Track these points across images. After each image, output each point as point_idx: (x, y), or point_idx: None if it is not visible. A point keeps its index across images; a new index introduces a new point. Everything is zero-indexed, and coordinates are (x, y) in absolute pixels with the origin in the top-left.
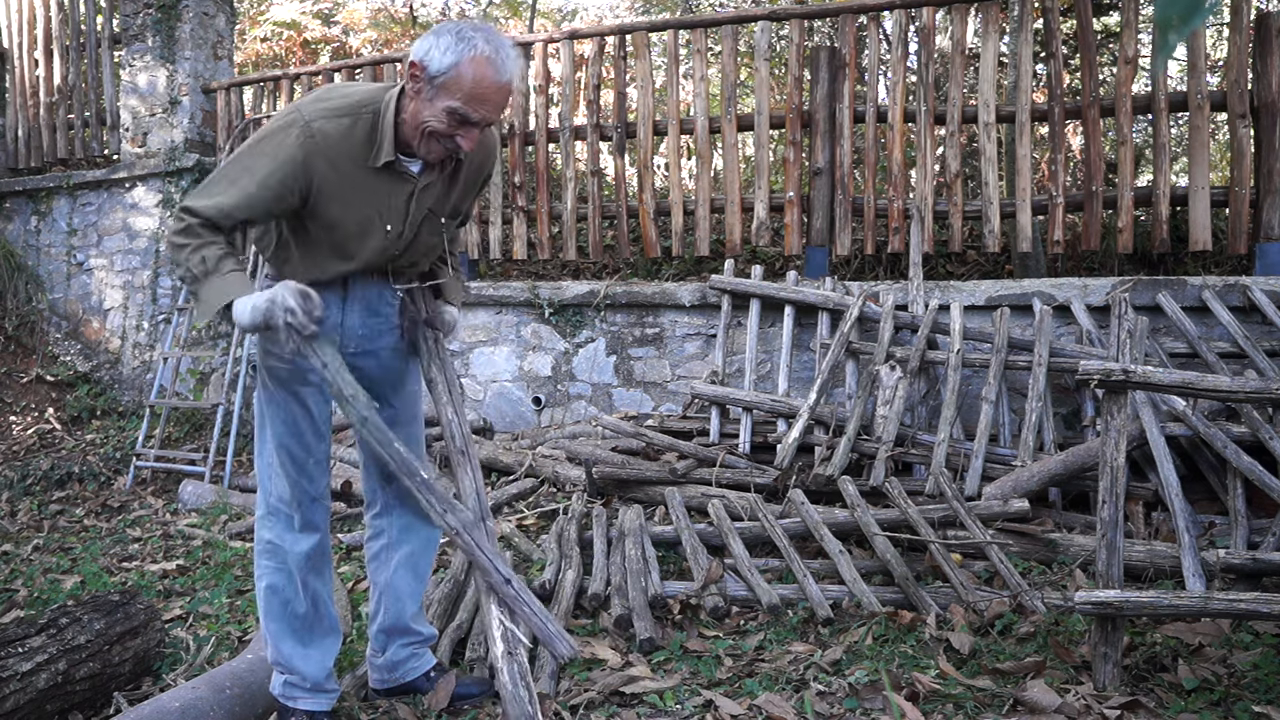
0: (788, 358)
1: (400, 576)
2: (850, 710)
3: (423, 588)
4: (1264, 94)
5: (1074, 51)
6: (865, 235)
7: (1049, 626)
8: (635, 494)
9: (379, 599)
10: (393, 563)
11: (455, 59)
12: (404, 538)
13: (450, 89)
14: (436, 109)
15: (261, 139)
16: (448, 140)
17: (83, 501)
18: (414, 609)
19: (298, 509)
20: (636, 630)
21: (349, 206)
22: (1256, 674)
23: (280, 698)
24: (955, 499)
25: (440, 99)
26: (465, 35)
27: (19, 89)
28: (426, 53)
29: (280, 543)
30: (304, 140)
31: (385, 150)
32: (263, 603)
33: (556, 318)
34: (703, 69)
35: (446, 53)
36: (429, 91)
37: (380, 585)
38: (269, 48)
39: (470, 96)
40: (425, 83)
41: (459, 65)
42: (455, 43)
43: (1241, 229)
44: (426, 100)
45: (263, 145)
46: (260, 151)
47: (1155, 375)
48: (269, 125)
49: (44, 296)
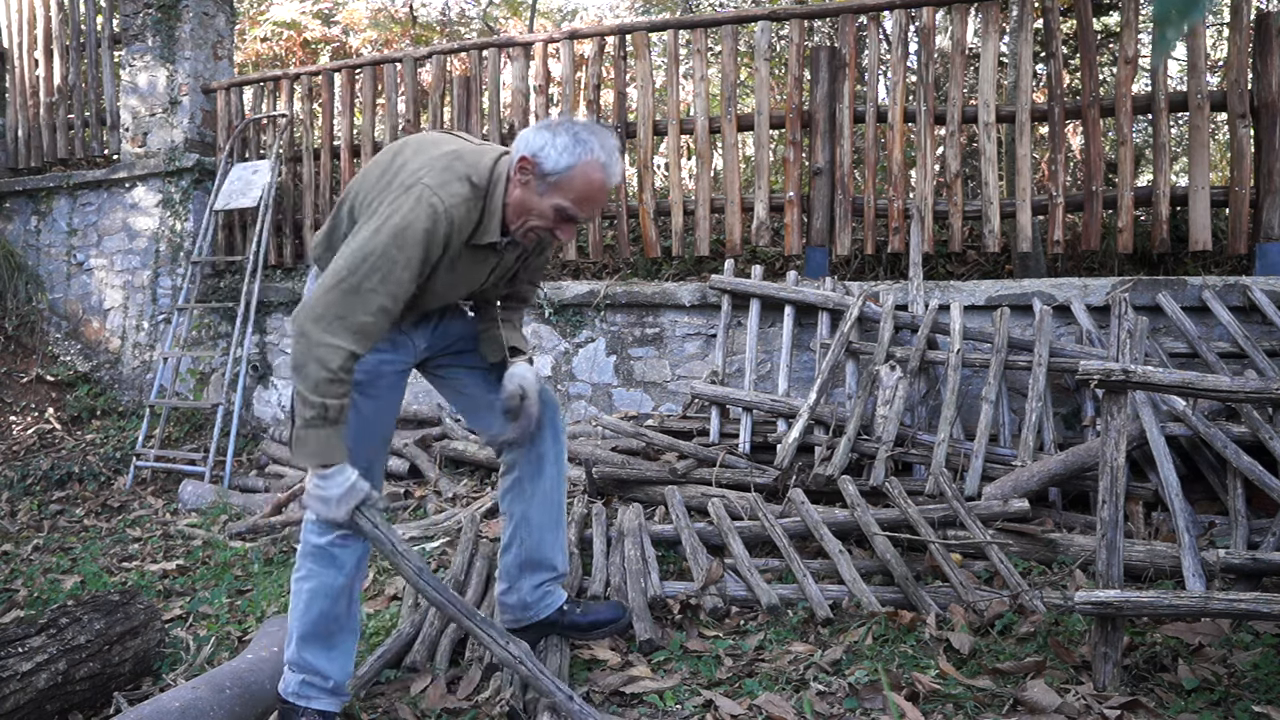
0: (788, 358)
1: (538, 507)
2: (850, 710)
3: (562, 519)
4: (1264, 94)
5: (1074, 51)
6: (865, 235)
7: (1049, 626)
8: (635, 494)
9: (514, 531)
10: (528, 494)
11: (572, 161)
12: (538, 468)
13: (563, 189)
14: (544, 205)
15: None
16: (546, 233)
17: (83, 501)
18: (552, 539)
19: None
20: (636, 631)
21: (443, 275)
22: (1256, 674)
23: (293, 697)
24: (955, 499)
25: (550, 196)
26: (582, 138)
27: (19, 89)
28: (541, 149)
29: (332, 549)
30: (442, 226)
31: (492, 232)
32: (301, 604)
33: (556, 318)
34: (703, 69)
35: (564, 154)
36: (539, 186)
37: (516, 517)
38: (269, 48)
39: (581, 198)
40: (536, 178)
41: (574, 168)
42: (573, 144)
43: (1241, 229)
44: (536, 194)
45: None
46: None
47: (1155, 375)
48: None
49: (44, 296)
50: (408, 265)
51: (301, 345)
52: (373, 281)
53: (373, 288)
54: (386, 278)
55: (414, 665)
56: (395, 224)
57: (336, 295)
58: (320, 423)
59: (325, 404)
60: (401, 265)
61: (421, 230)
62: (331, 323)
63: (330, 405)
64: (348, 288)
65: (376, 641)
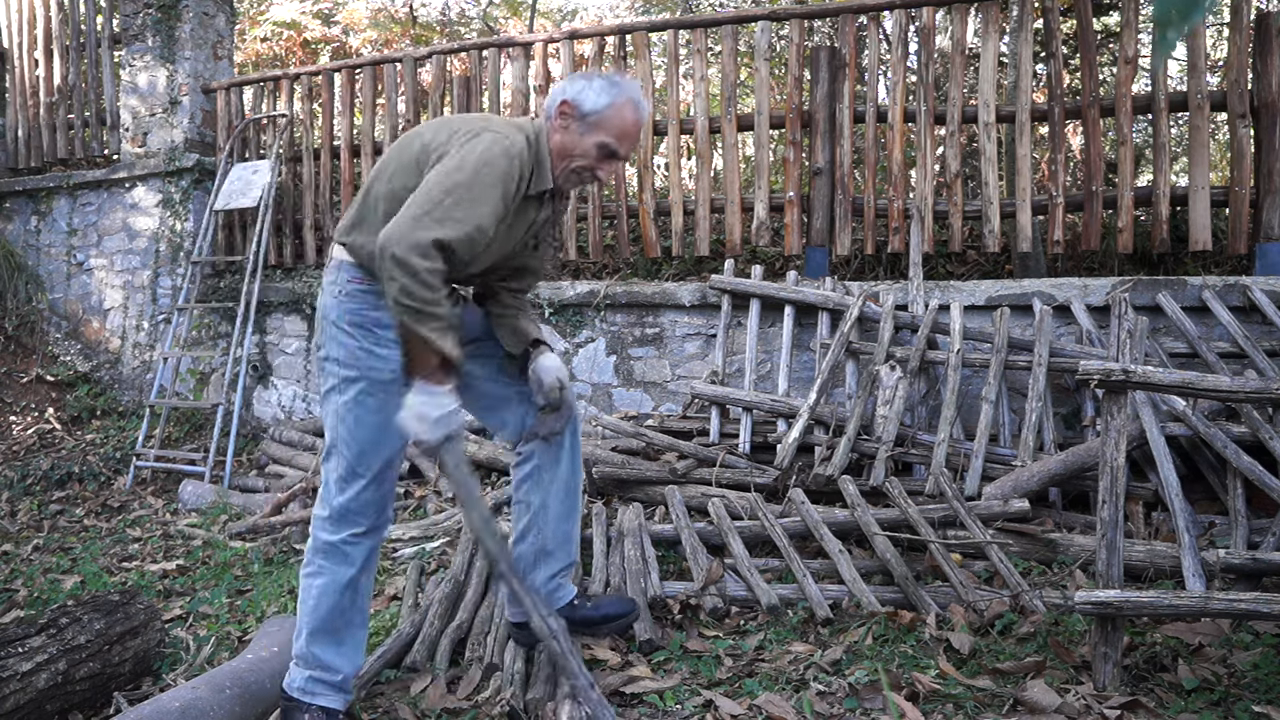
0: (788, 358)
1: (555, 497)
2: (850, 710)
3: (578, 509)
4: (1264, 94)
5: (1074, 51)
6: (865, 235)
7: (1049, 626)
8: (635, 494)
9: (530, 520)
10: (546, 482)
11: (610, 100)
12: (554, 456)
13: (603, 126)
14: (587, 144)
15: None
16: (588, 173)
17: (83, 501)
18: (568, 528)
19: (376, 513)
20: (636, 630)
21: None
22: (1256, 674)
23: (298, 693)
24: (955, 499)
25: (591, 135)
26: (615, 81)
27: (19, 89)
28: (580, 93)
29: (342, 545)
30: (517, 167)
31: (546, 178)
32: (311, 599)
33: (556, 318)
34: (703, 69)
35: (601, 94)
36: (579, 128)
37: (535, 505)
38: (269, 48)
39: (620, 133)
40: (576, 119)
41: (612, 105)
42: (608, 86)
43: (1241, 229)
44: (577, 135)
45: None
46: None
47: (1155, 375)
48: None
49: (44, 296)
50: (490, 200)
51: (399, 269)
52: (461, 209)
53: (460, 216)
54: (474, 207)
55: (414, 665)
56: (477, 160)
57: (422, 218)
58: (446, 329)
59: (447, 314)
60: (485, 199)
61: (501, 169)
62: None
63: (452, 313)
64: (437, 212)
65: (376, 641)
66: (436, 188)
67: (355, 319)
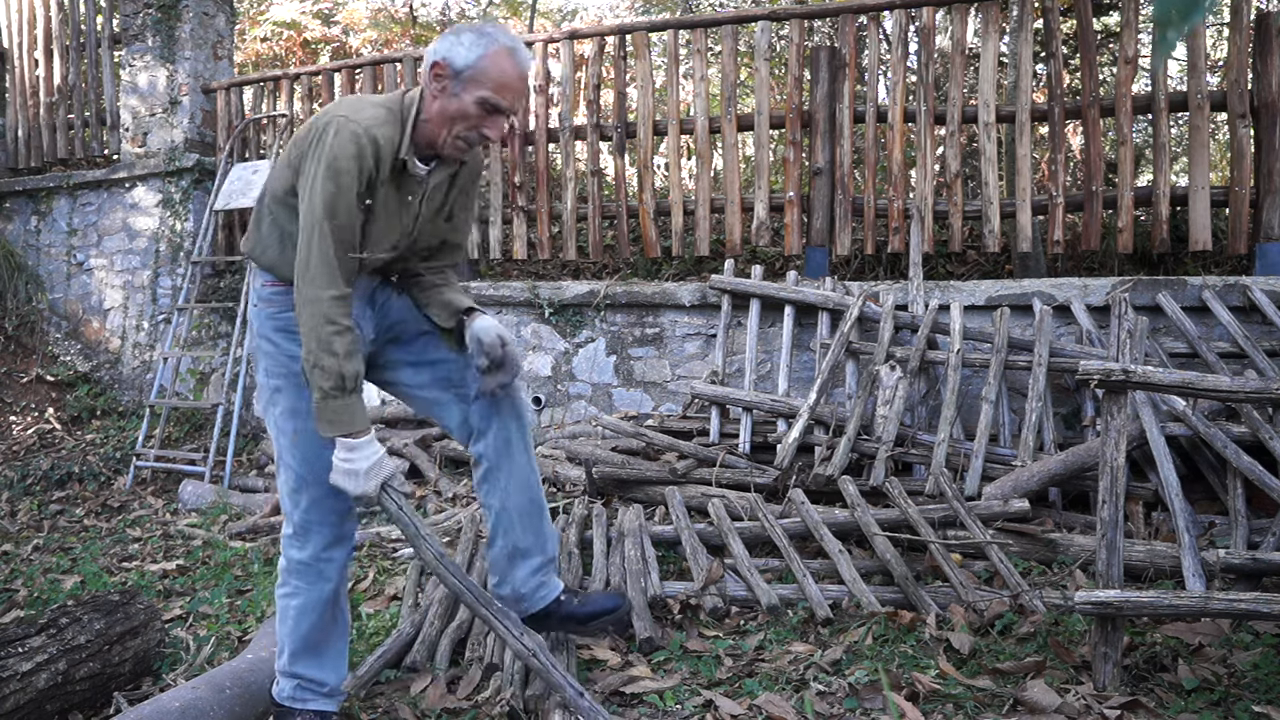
0: (788, 358)
1: (514, 496)
2: (850, 710)
3: (540, 501)
4: (1264, 94)
5: (1074, 51)
6: (865, 235)
7: (1049, 626)
8: (635, 494)
9: (495, 522)
10: (501, 482)
11: (482, 51)
12: (505, 453)
13: (479, 80)
14: (466, 102)
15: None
16: (473, 133)
17: (83, 501)
18: (535, 523)
19: (337, 524)
20: (636, 630)
21: (379, 210)
22: (1256, 674)
23: (288, 701)
24: (955, 499)
25: (469, 91)
26: (485, 31)
27: (19, 89)
28: (449, 50)
29: (314, 562)
30: (368, 147)
31: (403, 148)
32: (290, 620)
33: (556, 318)
34: (703, 69)
35: (472, 48)
36: (455, 86)
37: (495, 508)
38: (269, 48)
39: (499, 85)
40: (450, 79)
41: (485, 57)
42: (478, 38)
43: (1241, 229)
44: (453, 95)
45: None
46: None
47: (1155, 375)
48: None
49: (44, 296)
50: (347, 193)
51: (307, 310)
52: (330, 224)
53: (330, 229)
54: (335, 212)
55: (414, 665)
56: (326, 160)
57: (310, 250)
58: (339, 393)
59: (342, 369)
60: (342, 195)
61: (350, 156)
62: (316, 276)
63: (347, 371)
64: (316, 239)
65: (376, 641)
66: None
67: (276, 323)
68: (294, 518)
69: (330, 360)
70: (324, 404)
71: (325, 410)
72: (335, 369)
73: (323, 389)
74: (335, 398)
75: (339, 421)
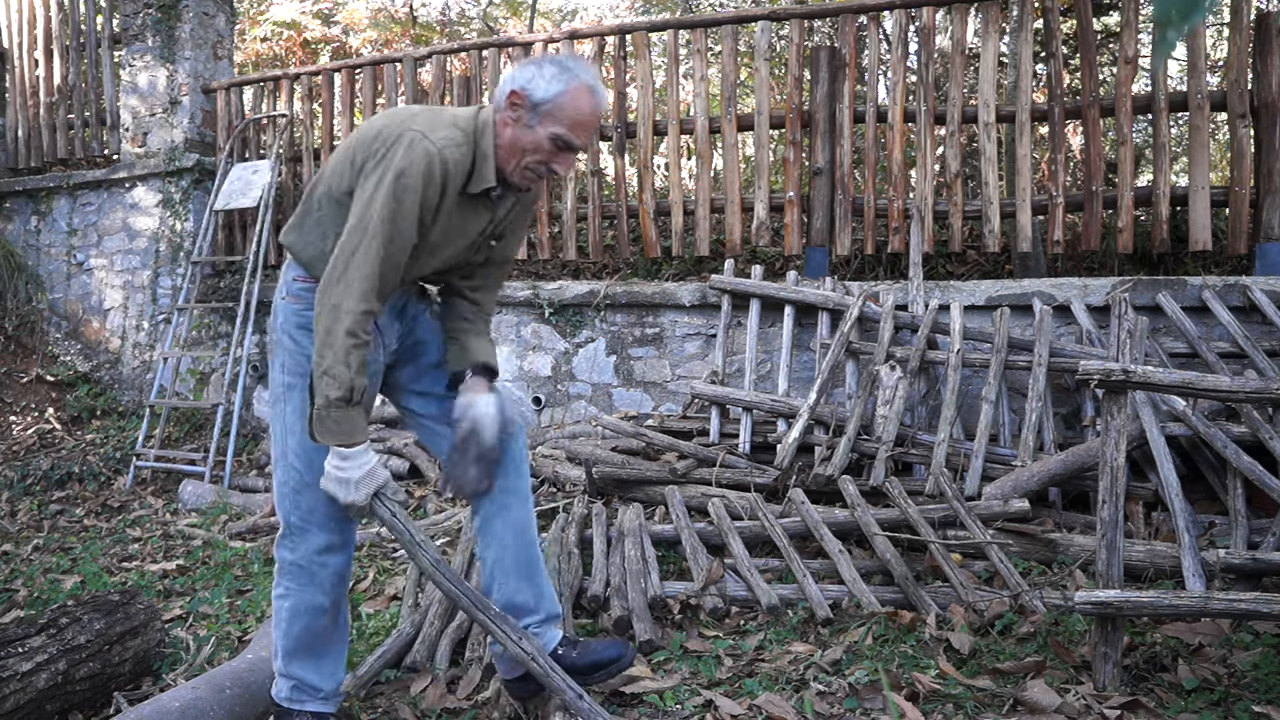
0: (788, 358)
1: (510, 546)
2: (850, 710)
3: (537, 558)
4: (1264, 94)
5: (1074, 51)
6: (865, 235)
7: (1049, 626)
8: (635, 494)
9: (489, 576)
10: (497, 535)
11: (562, 86)
12: (502, 502)
13: (556, 116)
14: (539, 136)
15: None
16: (543, 167)
17: (83, 501)
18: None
19: (335, 528)
20: (636, 631)
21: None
22: (1256, 674)
23: (286, 702)
24: (955, 499)
25: (544, 126)
26: (567, 66)
27: (19, 89)
28: (529, 81)
29: (309, 565)
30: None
31: (486, 178)
32: (283, 622)
33: (556, 318)
34: (703, 69)
35: (553, 82)
36: (531, 118)
37: (490, 561)
38: (269, 48)
39: (574, 123)
40: (527, 110)
41: (565, 93)
42: (560, 72)
43: (1241, 229)
44: (528, 127)
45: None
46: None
47: (1155, 375)
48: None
49: (44, 296)
50: (409, 214)
51: (329, 316)
52: (381, 238)
53: (380, 244)
54: (393, 231)
55: (414, 665)
56: (393, 174)
57: (349, 259)
58: (344, 404)
59: (353, 382)
60: (404, 215)
61: (419, 175)
62: (351, 286)
63: (356, 384)
64: (359, 250)
65: (376, 642)
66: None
67: (301, 320)
68: (290, 519)
69: (343, 371)
70: (326, 412)
71: (327, 418)
72: (347, 380)
73: (329, 397)
74: (339, 408)
75: (339, 431)
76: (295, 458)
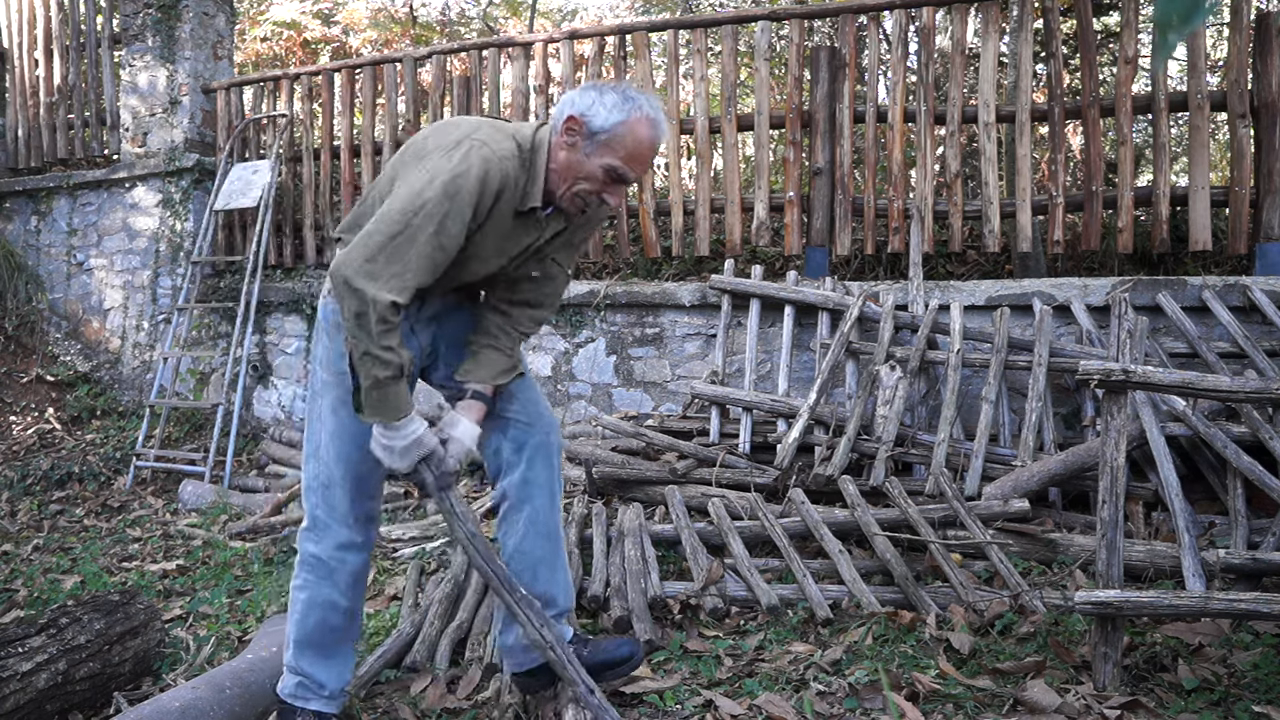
0: (788, 358)
1: (530, 540)
2: (850, 710)
3: (559, 551)
4: (1264, 94)
5: (1074, 51)
6: (865, 235)
7: (1049, 626)
8: (635, 494)
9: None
10: (519, 524)
11: (623, 117)
12: (525, 494)
13: (613, 147)
14: (593, 165)
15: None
16: (594, 197)
17: (83, 501)
18: (548, 573)
19: (357, 527)
20: (636, 632)
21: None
22: (1256, 674)
23: (289, 698)
24: (955, 499)
25: (600, 156)
26: (630, 95)
27: (19, 89)
28: (589, 108)
29: (329, 560)
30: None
31: (534, 196)
32: (297, 614)
33: (556, 317)
34: (703, 69)
35: (613, 110)
36: (587, 146)
37: (508, 550)
38: (269, 48)
39: (631, 156)
40: (584, 138)
41: (624, 124)
42: (621, 101)
43: (1241, 229)
44: (583, 155)
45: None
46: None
47: (1155, 375)
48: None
49: (44, 296)
50: (459, 216)
51: (355, 300)
52: (425, 232)
53: (425, 239)
54: (439, 229)
55: (414, 665)
56: (449, 174)
57: (386, 244)
58: (394, 381)
59: (400, 360)
60: (453, 216)
61: (475, 180)
62: (380, 273)
63: (404, 359)
64: (400, 237)
65: (376, 642)
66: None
67: (338, 319)
68: (316, 512)
69: (384, 352)
70: (373, 391)
71: (371, 397)
72: (393, 359)
73: (376, 377)
74: (388, 385)
75: (391, 407)
76: (326, 452)
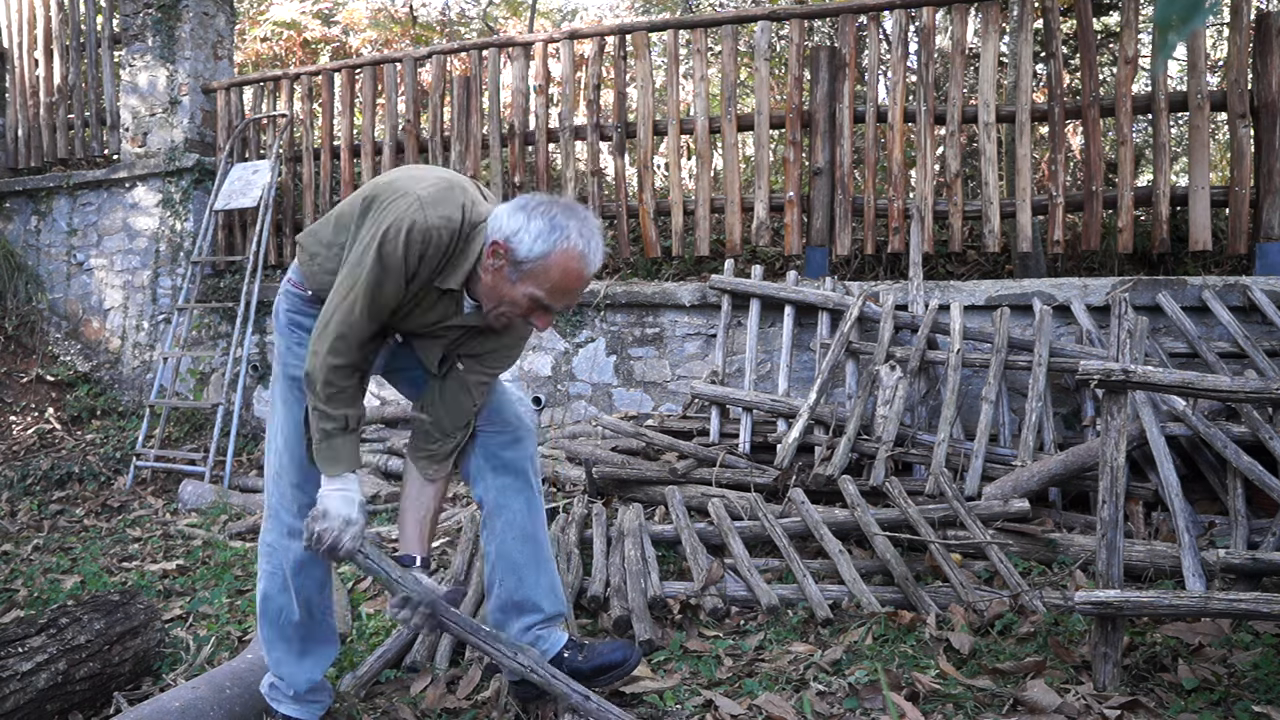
0: (788, 358)
1: (509, 544)
2: (850, 710)
3: (543, 554)
4: (1264, 94)
5: (1074, 51)
6: (865, 235)
7: (1049, 626)
8: (635, 494)
9: (491, 571)
10: (497, 530)
11: (546, 249)
12: (503, 500)
13: (536, 277)
14: (517, 293)
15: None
16: (518, 320)
17: (83, 501)
18: (533, 578)
19: (297, 515)
20: (636, 632)
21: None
22: (1256, 674)
23: (266, 696)
24: (955, 499)
25: (523, 285)
26: (559, 223)
27: (19, 89)
28: (515, 234)
29: (277, 544)
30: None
31: (450, 280)
32: (258, 606)
33: (556, 318)
34: (703, 69)
35: (538, 240)
36: (512, 274)
37: (492, 556)
38: (269, 48)
39: (556, 289)
40: (509, 264)
41: (549, 256)
42: (548, 231)
43: (1241, 229)
44: (508, 281)
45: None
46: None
47: (1155, 375)
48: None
49: (44, 296)
50: (395, 276)
51: (312, 360)
52: (365, 300)
53: (365, 305)
54: (374, 295)
55: (414, 665)
56: (383, 238)
57: (333, 312)
58: (340, 434)
59: (346, 415)
60: (389, 278)
61: (408, 244)
62: (330, 339)
63: (350, 415)
64: (344, 307)
65: (376, 642)
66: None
67: (285, 318)
68: (270, 500)
69: (332, 409)
70: (321, 443)
71: (321, 448)
72: (340, 415)
73: (324, 430)
74: (334, 436)
75: (326, 461)
76: (275, 440)
